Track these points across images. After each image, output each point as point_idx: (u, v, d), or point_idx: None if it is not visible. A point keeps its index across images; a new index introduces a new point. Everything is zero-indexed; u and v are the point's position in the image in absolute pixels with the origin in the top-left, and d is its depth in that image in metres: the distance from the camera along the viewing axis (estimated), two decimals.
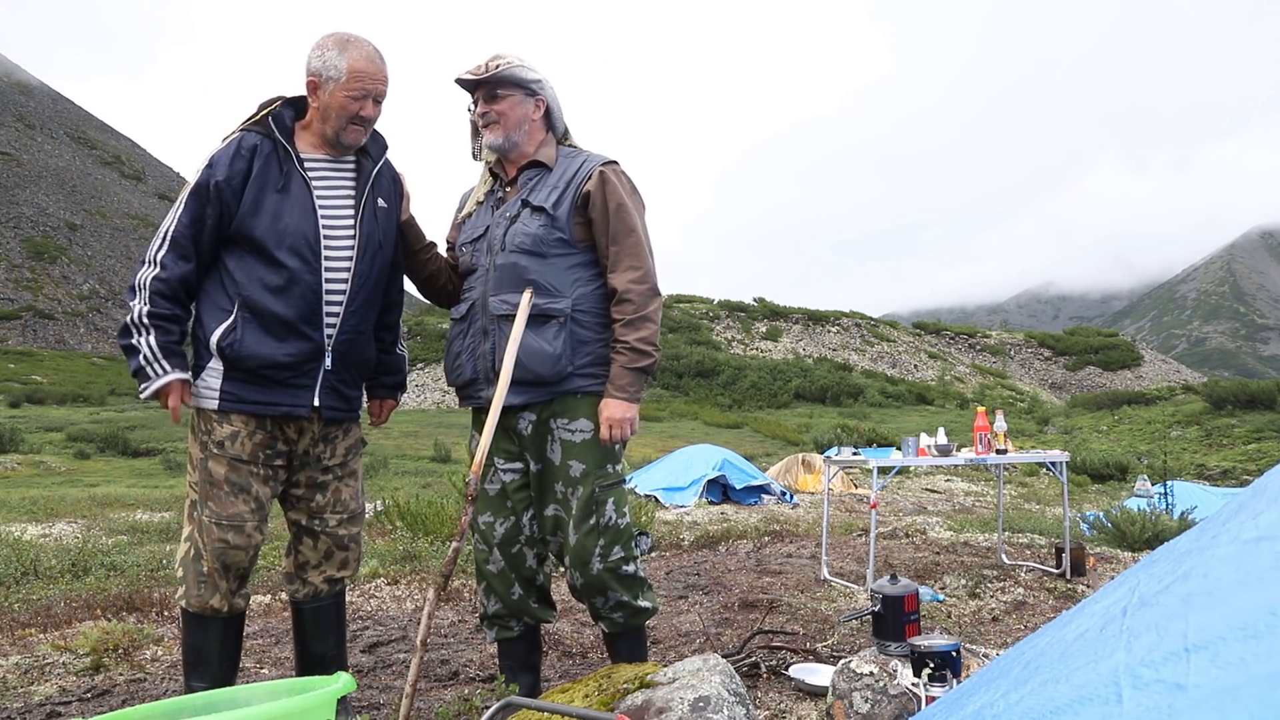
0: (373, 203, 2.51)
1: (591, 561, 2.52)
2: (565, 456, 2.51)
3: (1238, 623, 0.73)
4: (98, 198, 75.25)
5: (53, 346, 54.47)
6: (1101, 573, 5.18)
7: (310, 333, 2.39)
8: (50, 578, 5.21)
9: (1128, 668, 0.77)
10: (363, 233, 2.46)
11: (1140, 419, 27.28)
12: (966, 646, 2.52)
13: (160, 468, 18.55)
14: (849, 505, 9.77)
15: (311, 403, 2.42)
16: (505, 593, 2.63)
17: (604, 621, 2.64)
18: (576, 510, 2.51)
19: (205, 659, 2.43)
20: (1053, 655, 0.89)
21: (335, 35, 2.43)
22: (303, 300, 2.37)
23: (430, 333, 46.32)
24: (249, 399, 2.36)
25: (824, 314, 52.30)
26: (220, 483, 2.37)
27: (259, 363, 2.33)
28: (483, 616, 2.71)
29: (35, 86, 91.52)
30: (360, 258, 2.45)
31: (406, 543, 5.87)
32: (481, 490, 2.61)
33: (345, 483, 2.59)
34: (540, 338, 2.47)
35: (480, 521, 2.62)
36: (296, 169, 2.41)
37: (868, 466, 4.93)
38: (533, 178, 2.60)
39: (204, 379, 2.38)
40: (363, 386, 2.66)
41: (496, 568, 2.61)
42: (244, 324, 2.34)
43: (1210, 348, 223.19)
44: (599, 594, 2.57)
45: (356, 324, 2.48)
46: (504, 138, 2.58)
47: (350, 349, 2.49)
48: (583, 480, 2.51)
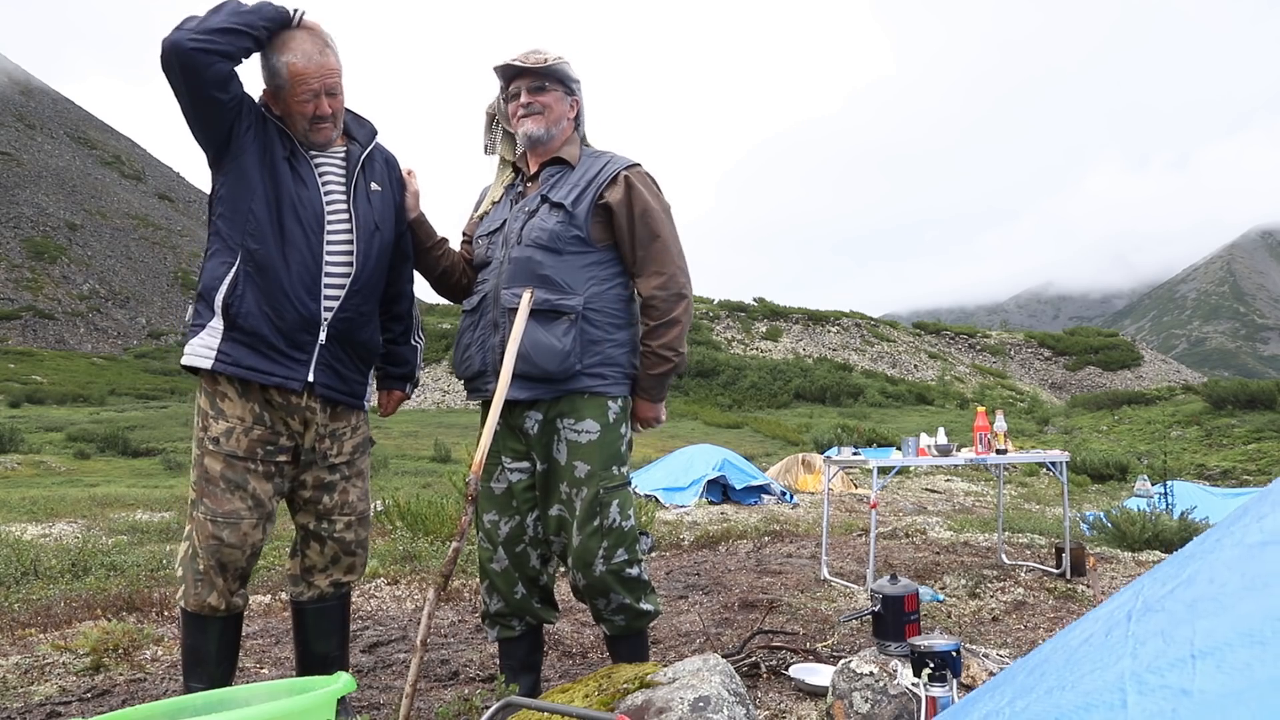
0: (364, 186, 2.50)
1: (595, 563, 2.51)
2: (571, 457, 2.50)
3: (1244, 629, 0.73)
4: (98, 198, 75.22)
5: (53, 346, 54.44)
6: (1101, 573, 5.18)
7: (309, 302, 2.36)
8: (50, 578, 5.21)
9: (1134, 674, 0.77)
10: (358, 214, 2.45)
11: (1140, 419, 27.28)
12: (966, 646, 2.52)
13: (160, 468, 18.56)
14: (849, 505, 9.77)
15: (306, 377, 2.37)
16: (508, 592, 2.62)
17: (605, 624, 2.63)
18: (581, 511, 2.50)
19: (203, 659, 2.42)
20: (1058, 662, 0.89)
21: (277, 37, 2.37)
22: (304, 269, 2.35)
23: (430, 332, 46.33)
24: (244, 364, 2.32)
25: (824, 314, 52.30)
26: (216, 479, 2.35)
27: (255, 322, 2.31)
28: (484, 615, 2.70)
29: (35, 86, 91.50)
30: (359, 238, 2.44)
31: (406, 543, 5.87)
32: (487, 489, 2.60)
33: (353, 483, 2.56)
34: (550, 333, 2.46)
35: (485, 520, 2.61)
36: (299, 146, 2.43)
37: (868, 466, 4.93)
38: (555, 174, 2.60)
39: (202, 338, 2.35)
40: (367, 374, 2.61)
41: (500, 566, 2.61)
42: (245, 280, 2.32)
43: (1210, 348, 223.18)
44: (601, 596, 2.56)
45: (359, 304, 2.46)
46: (545, 129, 2.58)
47: (349, 329, 2.45)
48: (588, 481, 2.49)
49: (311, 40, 2.37)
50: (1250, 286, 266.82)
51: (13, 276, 60.74)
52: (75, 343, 57.09)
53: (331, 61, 2.39)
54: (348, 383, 2.50)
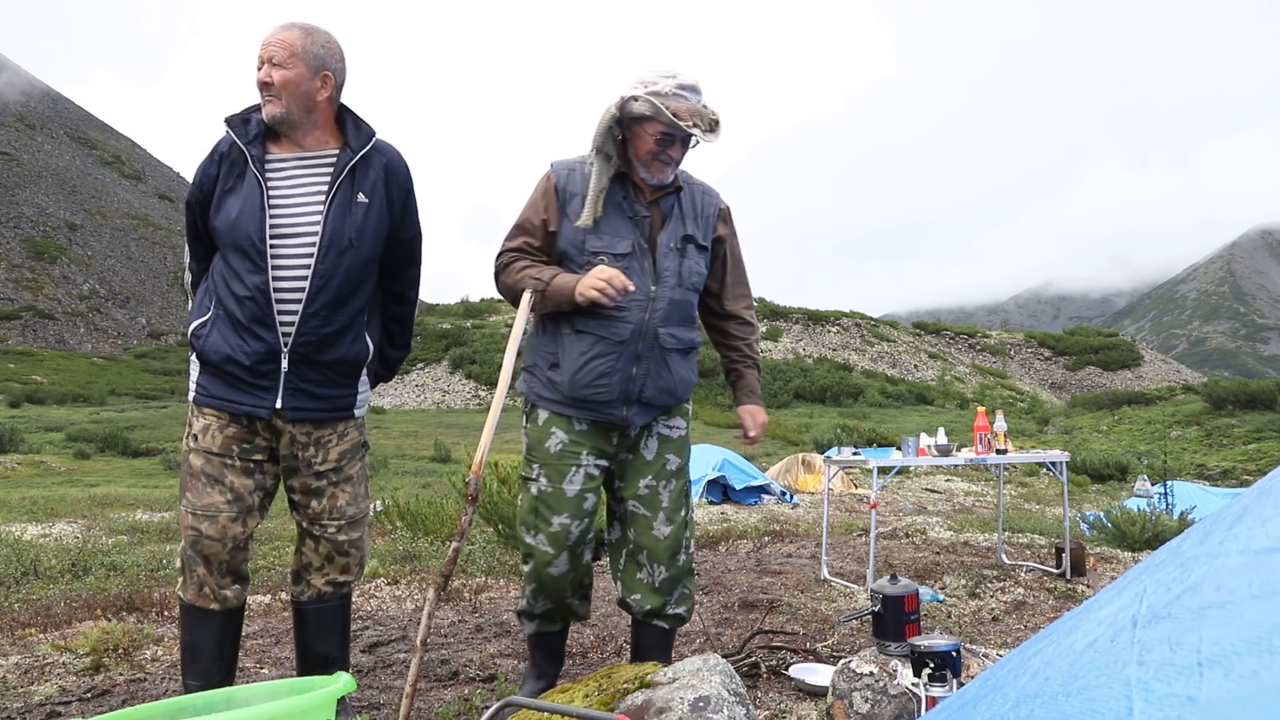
0: (347, 197, 2.40)
1: (679, 554, 2.60)
2: (662, 450, 2.61)
3: (1251, 637, 0.73)
4: (98, 198, 75.23)
5: (53, 346, 54.45)
6: (1101, 573, 5.17)
7: (263, 334, 2.36)
8: (50, 578, 5.21)
9: (1140, 681, 0.77)
10: (327, 230, 2.37)
11: (1140, 419, 27.28)
12: (966, 646, 2.52)
13: (160, 468, 18.55)
14: (849, 505, 9.77)
15: (273, 404, 2.39)
16: (560, 596, 2.60)
17: (665, 619, 2.63)
18: (669, 502, 2.59)
19: (200, 656, 2.43)
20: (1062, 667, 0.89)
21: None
22: (253, 301, 2.35)
23: (430, 332, 46.30)
24: (216, 395, 2.41)
25: (824, 314, 52.29)
26: (197, 474, 2.42)
27: (219, 359, 2.38)
28: (526, 613, 2.68)
29: (35, 86, 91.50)
30: (322, 257, 2.36)
31: (406, 543, 5.87)
32: (559, 491, 2.54)
33: (341, 489, 2.53)
34: (688, 368, 2.67)
35: (554, 523, 2.53)
36: (250, 168, 2.38)
37: (868, 466, 4.92)
38: (671, 205, 2.60)
39: (189, 372, 2.52)
40: (353, 385, 2.54)
41: (558, 571, 2.56)
42: (215, 322, 2.41)
43: (1210, 348, 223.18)
44: (674, 587, 2.61)
45: (318, 326, 2.39)
46: (669, 178, 2.56)
47: (314, 351, 2.40)
48: (677, 474, 2.62)
49: (283, 24, 2.43)
50: (1250, 286, 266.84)
51: (13, 276, 60.74)
52: (75, 343, 57.10)
53: (288, 37, 2.36)
54: (324, 399, 2.46)
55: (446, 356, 43.44)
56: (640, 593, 2.61)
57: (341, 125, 2.49)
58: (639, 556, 2.58)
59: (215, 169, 2.42)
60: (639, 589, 2.62)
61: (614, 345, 2.50)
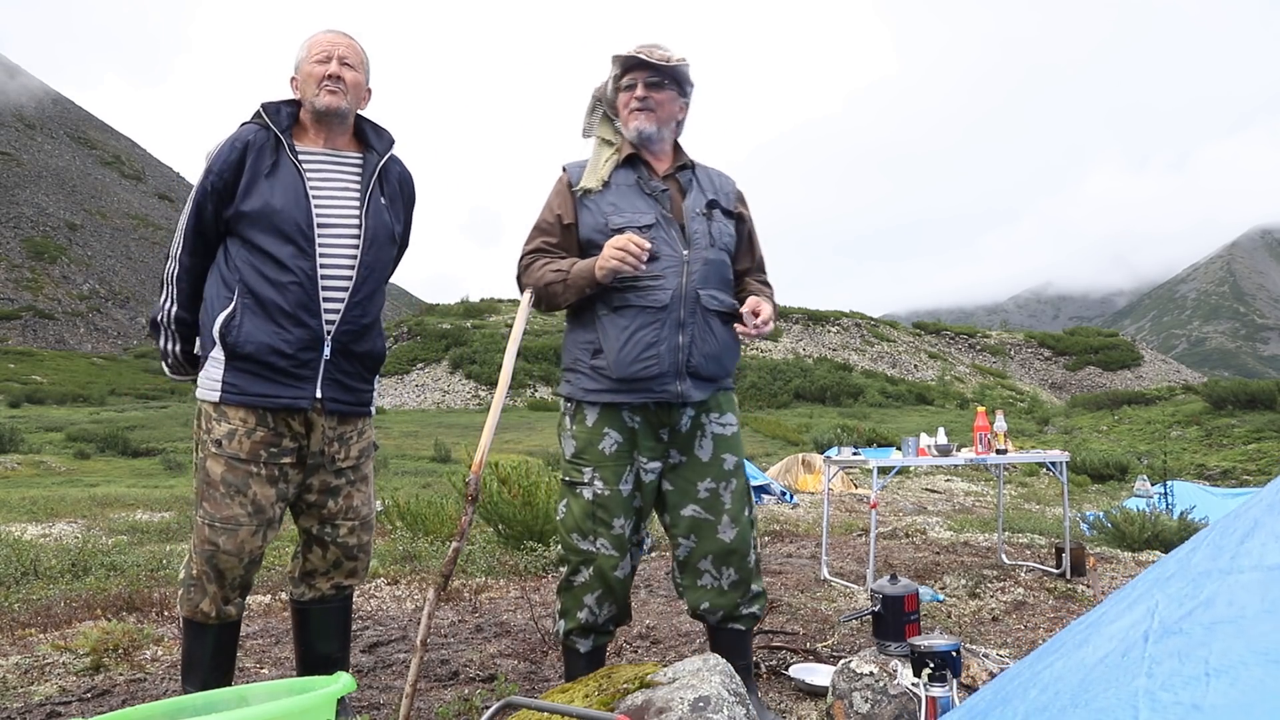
0: (378, 197, 2.50)
1: (749, 554, 2.55)
2: (718, 450, 2.52)
3: (1260, 648, 0.73)
4: (98, 198, 75.24)
5: (53, 346, 54.46)
6: (1101, 573, 5.17)
7: (308, 320, 2.33)
8: (50, 578, 5.21)
9: (1147, 691, 0.77)
10: (369, 223, 2.44)
11: (1140, 419, 27.29)
12: (966, 646, 2.52)
13: (160, 468, 18.57)
14: (849, 505, 9.77)
15: (314, 394, 2.35)
16: (626, 599, 2.56)
17: (740, 621, 2.57)
18: (733, 503, 2.51)
19: (196, 664, 2.40)
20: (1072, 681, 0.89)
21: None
22: (298, 287, 2.32)
23: (430, 332, 46.31)
24: (250, 391, 2.30)
25: (824, 314, 52.33)
26: (216, 483, 2.32)
27: (257, 348, 2.29)
28: (589, 627, 2.52)
29: (36, 86, 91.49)
30: (367, 248, 2.42)
31: (406, 543, 5.87)
32: (615, 493, 2.47)
33: (358, 487, 2.53)
34: (731, 335, 2.54)
35: (616, 525, 2.47)
36: (287, 155, 2.40)
37: (868, 466, 4.92)
38: (689, 179, 2.60)
39: (207, 370, 2.34)
40: (372, 382, 2.59)
41: (624, 574, 2.51)
42: (244, 310, 2.31)
43: (1210, 348, 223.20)
44: (746, 586, 2.56)
45: (359, 315, 2.43)
46: (656, 127, 2.54)
47: (353, 340, 2.43)
48: (735, 473, 2.54)
49: (335, 30, 2.52)
50: (1250, 286, 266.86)
51: (13, 276, 60.75)
52: (75, 343, 57.11)
53: (353, 43, 2.50)
54: (354, 393, 2.48)
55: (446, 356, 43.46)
56: (708, 600, 2.54)
57: (359, 131, 2.58)
58: (703, 563, 2.52)
59: (239, 156, 2.37)
60: (707, 596, 2.54)
61: (656, 313, 2.43)
